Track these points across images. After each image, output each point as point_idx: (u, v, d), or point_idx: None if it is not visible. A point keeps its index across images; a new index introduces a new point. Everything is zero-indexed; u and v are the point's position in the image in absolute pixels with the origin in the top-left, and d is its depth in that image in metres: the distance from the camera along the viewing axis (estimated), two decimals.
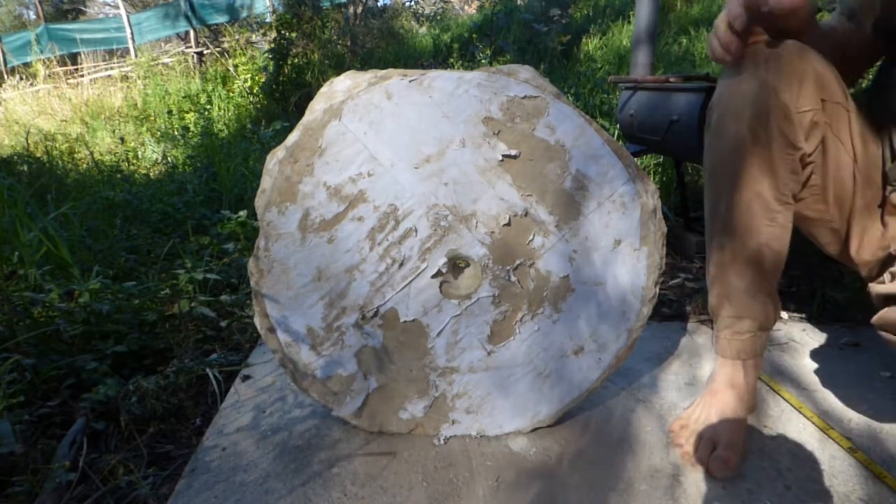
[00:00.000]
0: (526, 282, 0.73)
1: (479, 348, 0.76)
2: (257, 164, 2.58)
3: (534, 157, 0.67)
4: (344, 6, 6.10)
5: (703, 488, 0.75)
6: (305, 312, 0.72)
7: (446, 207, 0.68)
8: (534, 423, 0.81)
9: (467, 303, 0.73)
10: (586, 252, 0.71)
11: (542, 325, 0.74)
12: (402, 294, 0.72)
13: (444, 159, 0.67)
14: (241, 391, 1.00)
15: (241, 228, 1.53)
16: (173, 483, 0.82)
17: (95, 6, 16.48)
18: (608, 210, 0.70)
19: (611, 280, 0.72)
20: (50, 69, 7.08)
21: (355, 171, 0.68)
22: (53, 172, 2.81)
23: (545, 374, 0.77)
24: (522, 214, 0.70)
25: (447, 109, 0.66)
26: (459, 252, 0.70)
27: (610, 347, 0.75)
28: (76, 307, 1.14)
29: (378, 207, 0.69)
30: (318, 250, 0.70)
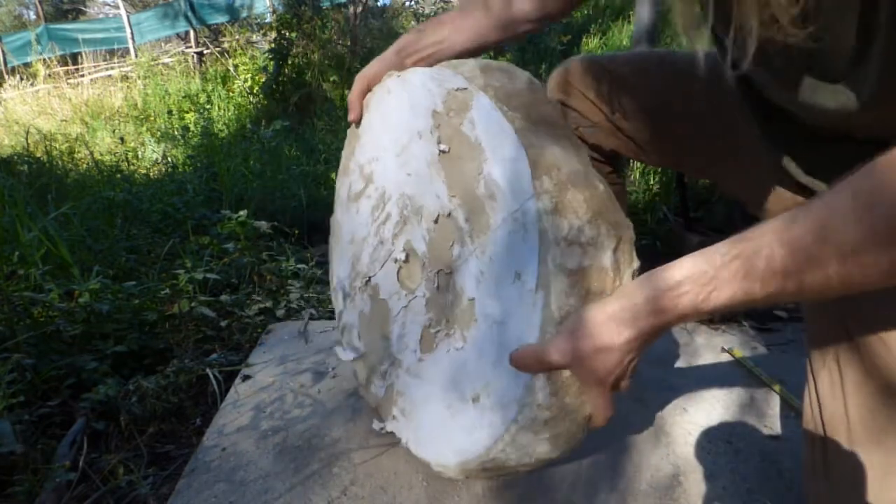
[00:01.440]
0: (446, 294, 0.63)
1: (413, 350, 0.69)
2: (257, 164, 2.59)
3: (461, 155, 0.62)
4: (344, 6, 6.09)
5: (703, 488, 0.75)
6: (343, 266, 0.84)
7: (408, 197, 0.69)
8: (437, 468, 0.65)
9: (411, 297, 0.70)
10: (491, 276, 0.58)
11: (452, 350, 0.63)
12: (382, 272, 0.75)
13: (409, 150, 0.69)
14: (241, 391, 1.00)
15: (241, 228, 1.53)
16: (173, 483, 0.82)
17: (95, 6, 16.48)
18: (511, 230, 0.56)
19: (512, 324, 0.56)
20: (50, 69, 7.08)
21: (371, 155, 0.77)
22: (53, 172, 2.81)
23: (450, 413, 0.63)
24: (446, 215, 0.63)
25: (414, 102, 0.69)
26: (412, 244, 0.70)
27: (503, 416, 0.56)
28: (76, 307, 1.15)
29: (377, 189, 0.76)
30: (351, 217, 0.81)
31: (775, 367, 1.04)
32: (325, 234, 2.24)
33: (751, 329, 1.19)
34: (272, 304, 1.37)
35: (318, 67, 4.64)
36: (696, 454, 0.82)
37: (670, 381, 1.00)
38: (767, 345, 1.12)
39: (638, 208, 1.84)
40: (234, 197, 2.19)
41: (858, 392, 0.56)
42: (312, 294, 1.46)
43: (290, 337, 1.19)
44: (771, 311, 1.30)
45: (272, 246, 1.72)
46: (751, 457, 0.80)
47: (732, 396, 0.95)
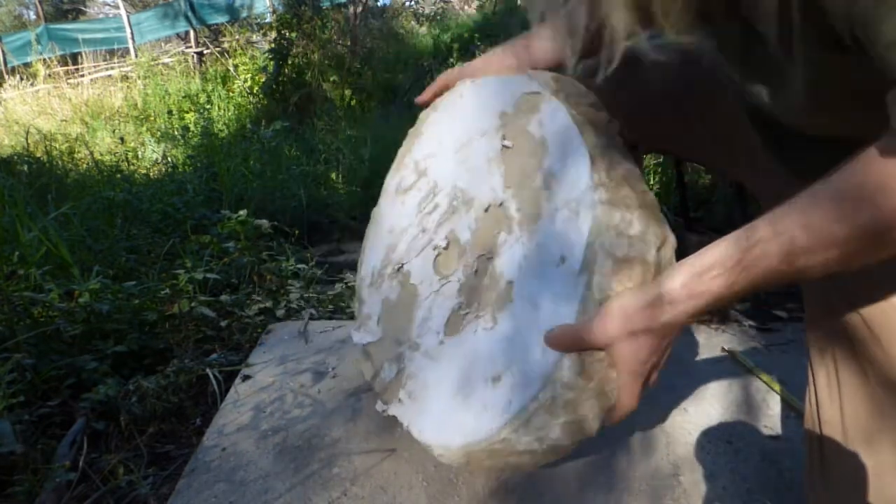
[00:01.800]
0: (483, 278, 0.67)
1: (437, 332, 0.70)
2: (257, 164, 2.59)
3: (522, 151, 0.67)
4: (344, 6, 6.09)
5: (703, 488, 0.75)
6: (375, 255, 0.86)
7: (460, 189, 0.74)
8: (438, 451, 0.66)
9: (444, 282, 0.72)
10: (535, 260, 0.61)
11: (479, 332, 0.65)
12: (418, 259, 0.78)
13: (471, 147, 0.74)
14: (240, 391, 1.00)
15: (241, 227, 1.53)
16: (173, 483, 0.82)
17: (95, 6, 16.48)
18: (564, 218, 0.60)
19: (548, 305, 0.59)
20: (50, 69, 7.08)
21: (429, 151, 0.82)
22: (53, 172, 2.82)
23: (462, 395, 0.64)
24: (498, 205, 0.67)
25: (484, 104, 0.74)
26: (456, 233, 0.73)
27: (523, 395, 0.57)
28: (76, 307, 1.15)
29: (429, 182, 0.80)
30: (395, 209, 0.84)
31: (775, 367, 1.04)
32: (325, 234, 2.24)
33: (751, 329, 1.19)
34: (272, 304, 1.37)
35: (318, 67, 4.64)
36: (696, 454, 0.82)
37: (670, 381, 1.00)
38: (767, 345, 1.12)
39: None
40: (234, 197, 2.19)
41: (854, 394, 0.56)
42: (312, 294, 1.45)
43: (290, 337, 1.19)
44: (771, 311, 1.30)
45: (272, 246, 1.72)
46: (751, 457, 0.80)
47: (732, 396, 0.95)
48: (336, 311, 1.42)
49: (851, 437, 0.56)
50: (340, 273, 1.73)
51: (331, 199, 2.36)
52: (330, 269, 1.72)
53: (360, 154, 2.82)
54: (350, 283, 1.53)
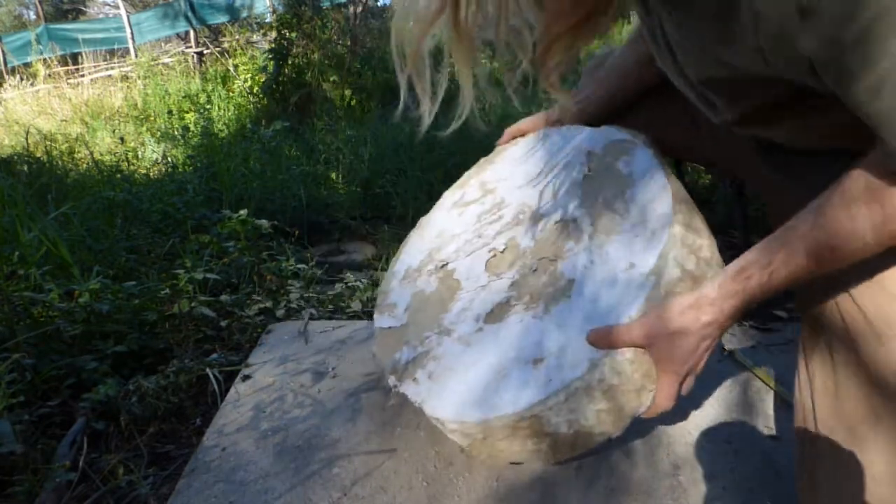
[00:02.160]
0: (542, 276, 0.74)
1: (475, 320, 0.77)
2: (257, 164, 2.59)
3: (605, 182, 0.77)
4: (344, 6, 6.09)
5: (703, 488, 0.75)
6: (415, 255, 0.94)
7: (529, 207, 0.84)
8: (452, 424, 0.71)
9: (494, 279, 0.80)
10: (602, 265, 0.69)
11: (527, 320, 0.72)
12: (466, 259, 0.86)
13: (548, 175, 0.86)
14: (240, 391, 1.00)
15: (241, 227, 1.53)
16: (173, 483, 0.82)
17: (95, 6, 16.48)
18: (641, 234, 0.69)
19: (605, 302, 0.66)
20: (50, 69, 7.08)
21: (500, 175, 0.94)
22: (53, 172, 2.81)
23: (497, 375, 0.69)
24: (571, 220, 0.77)
25: (571, 145, 0.87)
26: (516, 240, 0.82)
27: (565, 375, 0.63)
28: (76, 307, 1.14)
29: (494, 199, 0.91)
30: (450, 219, 0.95)
31: (775, 367, 1.04)
32: (325, 234, 2.25)
33: (751, 329, 1.19)
34: (272, 304, 1.37)
35: (318, 67, 4.63)
36: (696, 454, 0.82)
37: None
38: (767, 345, 1.12)
39: None
40: (234, 197, 2.19)
41: (848, 393, 0.57)
42: (312, 294, 1.45)
43: (290, 337, 1.19)
44: (771, 311, 1.30)
45: (272, 246, 1.72)
46: (751, 457, 0.80)
47: (732, 396, 0.95)
48: (336, 311, 1.42)
49: (842, 436, 0.57)
50: (340, 273, 1.73)
51: (331, 199, 2.36)
52: (330, 269, 1.72)
53: (360, 154, 2.82)
54: (350, 282, 1.54)
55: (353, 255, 1.98)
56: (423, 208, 2.27)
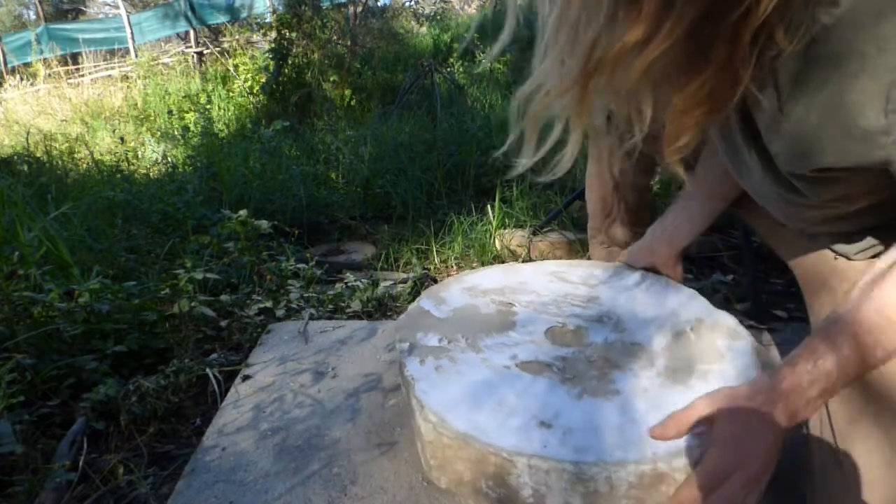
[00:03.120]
0: (593, 369, 0.77)
1: (509, 358, 0.81)
2: (257, 164, 2.59)
3: (698, 346, 0.81)
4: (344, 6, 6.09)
5: None
6: (487, 281, 1.02)
7: (616, 316, 0.90)
8: (432, 419, 0.73)
9: (546, 343, 0.84)
10: (651, 400, 0.70)
11: (557, 388, 0.73)
12: (531, 313, 0.92)
13: (646, 308, 0.92)
14: (240, 391, 1.00)
15: (241, 228, 1.53)
16: (173, 483, 0.82)
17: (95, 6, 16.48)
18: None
19: (638, 424, 0.66)
20: (50, 69, 7.08)
21: (601, 280, 1.00)
22: (53, 172, 2.82)
23: (502, 409, 0.70)
24: (647, 350, 0.80)
25: (685, 305, 0.92)
26: (586, 330, 0.87)
27: (562, 452, 0.62)
28: (76, 307, 1.14)
29: (589, 293, 0.97)
30: (540, 279, 1.02)
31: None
32: (325, 234, 2.24)
33: (751, 329, 1.19)
34: (272, 304, 1.37)
35: (318, 67, 4.63)
36: None
37: None
38: (767, 345, 1.12)
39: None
40: (234, 197, 2.19)
41: (841, 394, 0.57)
42: (312, 294, 1.46)
43: (290, 337, 1.19)
44: (771, 311, 1.30)
45: (272, 246, 1.72)
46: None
47: None
48: (336, 310, 1.42)
49: (842, 436, 0.59)
50: (340, 273, 1.73)
51: (331, 199, 2.36)
52: (330, 269, 1.72)
53: (360, 154, 2.82)
54: (350, 282, 1.54)
55: (353, 255, 1.98)
56: (423, 208, 2.29)
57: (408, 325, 0.88)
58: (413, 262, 1.82)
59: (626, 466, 0.60)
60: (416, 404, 0.73)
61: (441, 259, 1.84)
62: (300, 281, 1.51)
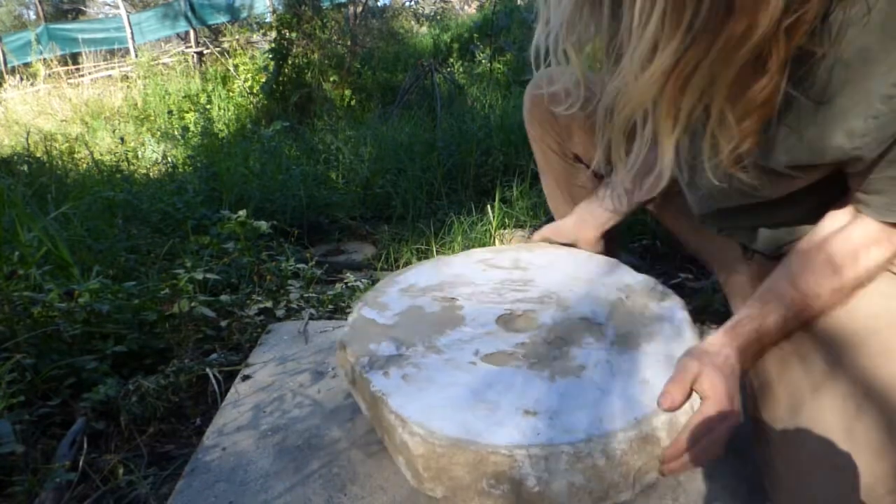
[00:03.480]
0: (553, 350, 0.80)
1: (472, 353, 0.81)
2: (257, 164, 2.59)
3: (636, 311, 0.86)
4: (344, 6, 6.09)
5: (702, 488, 0.75)
6: (422, 278, 1.00)
7: (559, 296, 0.91)
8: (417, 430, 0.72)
9: (501, 331, 0.85)
10: (615, 367, 0.75)
11: (529, 376, 0.75)
12: (476, 305, 0.92)
13: (588, 285, 0.94)
14: (240, 391, 1.00)
15: (240, 228, 1.53)
16: (173, 483, 0.82)
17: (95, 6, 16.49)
18: (659, 362, 0.76)
19: (613, 393, 0.71)
20: (50, 69, 7.08)
21: (534, 262, 1.02)
22: (53, 172, 2.82)
23: (481, 406, 0.71)
24: (596, 323, 0.85)
25: (620, 273, 0.97)
26: (536, 314, 0.88)
27: (555, 436, 0.65)
28: (76, 307, 1.14)
29: (524, 276, 0.98)
30: (473, 269, 1.02)
31: None
32: (325, 234, 2.25)
33: None
34: (272, 304, 1.37)
35: (318, 67, 4.63)
36: None
37: None
38: None
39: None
40: (234, 197, 2.19)
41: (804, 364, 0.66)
42: (312, 294, 1.46)
43: (290, 337, 1.19)
44: None
45: (272, 246, 1.72)
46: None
47: None
48: (336, 310, 1.42)
49: (802, 406, 0.65)
50: (340, 273, 1.73)
51: (331, 199, 2.36)
52: (330, 269, 1.72)
53: (360, 154, 2.82)
54: (350, 282, 1.54)
55: (353, 255, 1.98)
56: (423, 208, 2.29)
57: (357, 339, 0.85)
58: (413, 262, 1.82)
59: (616, 436, 0.64)
60: (394, 420, 0.71)
61: None
62: (300, 281, 1.51)
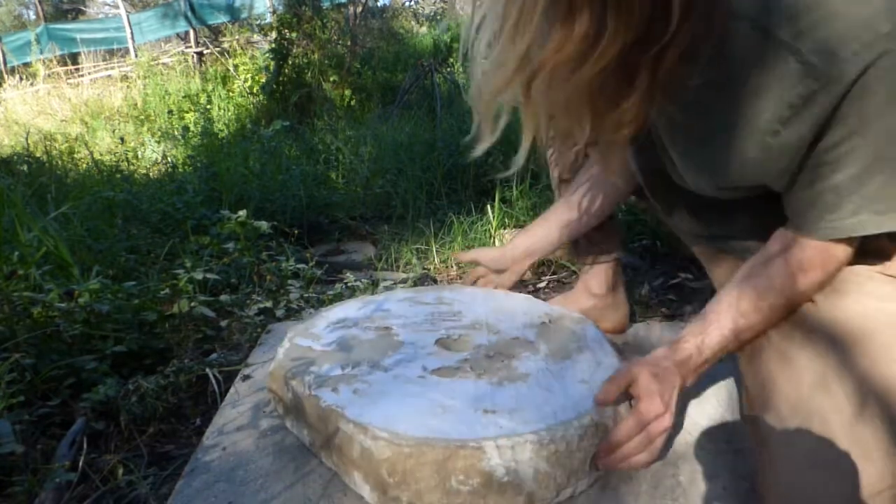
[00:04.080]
0: (496, 363, 0.84)
1: (420, 369, 0.83)
2: (257, 164, 2.59)
3: (559, 330, 0.94)
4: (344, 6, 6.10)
5: (702, 488, 0.75)
6: (353, 312, 1.03)
7: (489, 323, 0.97)
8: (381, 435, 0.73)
9: (444, 350, 0.89)
10: (555, 372, 0.81)
11: (479, 383, 0.78)
12: (412, 333, 0.94)
13: (511, 314, 1.00)
14: (240, 391, 1.00)
15: (240, 228, 1.53)
16: (173, 483, 0.82)
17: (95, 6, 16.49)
18: (589, 364, 0.84)
19: (557, 393, 0.77)
20: (50, 69, 7.08)
21: (457, 298, 1.07)
22: (53, 172, 2.82)
23: (444, 410, 0.73)
24: (528, 341, 0.91)
25: (536, 304, 1.06)
26: (471, 337, 0.93)
27: (517, 426, 0.70)
28: (76, 307, 1.15)
29: (451, 309, 1.02)
30: (400, 305, 1.04)
31: None
32: (325, 234, 2.25)
33: None
34: (272, 304, 1.37)
35: (318, 67, 4.64)
36: (695, 454, 0.82)
37: None
38: None
39: (638, 208, 1.84)
40: (234, 197, 2.19)
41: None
42: (312, 294, 1.46)
43: None
44: None
45: (272, 246, 1.72)
46: (751, 457, 0.80)
47: (732, 396, 0.95)
48: None
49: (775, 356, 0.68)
50: (340, 273, 1.73)
51: (331, 199, 2.36)
52: (330, 269, 1.72)
53: (360, 154, 2.82)
54: (350, 282, 1.54)
55: (353, 255, 1.98)
56: (423, 208, 2.29)
57: (294, 365, 0.85)
58: (413, 262, 1.82)
59: (572, 423, 0.70)
60: (353, 430, 0.71)
61: (441, 259, 1.84)
62: (300, 281, 1.51)
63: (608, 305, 1.12)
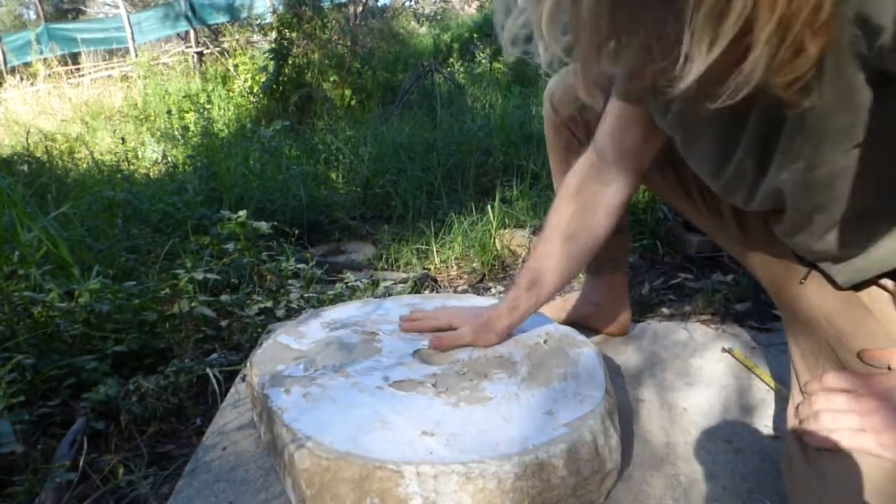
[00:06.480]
0: (464, 381, 0.80)
1: (381, 379, 0.81)
2: (257, 164, 2.59)
3: (552, 353, 0.88)
4: (344, 6, 6.10)
5: (703, 488, 0.75)
6: (346, 315, 1.04)
7: None
8: (306, 444, 0.71)
9: (416, 362, 0.86)
10: (525, 401, 0.75)
11: (434, 401, 0.75)
12: (396, 340, 0.93)
13: None
14: (241, 391, 1.00)
15: (241, 228, 1.53)
16: (173, 483, 0.82)
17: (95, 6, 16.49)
18: (571, 397, 0.76)
19: (515, 423, 0.71)
20: (50, 69, 7.08)
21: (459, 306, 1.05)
22: (53, 172, 2.82)
23: (382, 424, 0.70)
24: (511, 361, 0.86)
25: (534, 322, 0.99)
26: (453, 350, 0.90)
27: (448, 455, 0.64)
28: (76, 307, 1.15)
29: None
30: (399, 308, 1.04)
31: (775, 367, 1.04)
32: (325, 234, 2.25)
33: (751, 329, 1.19)
34: (272, 304, 1.37)
35: (318, 67, 4.64)
36: (695, 454, 0.82)
37: (670, 381, 1.00)
38: (767, 345, 1.12)
39: (638, 209, 1.84)
40: (234, 197, 2.19)
41: None
42: (312, 294, 1.46)
43: None
44: (771, 311, 1.30)
45: (272, 246, 1.72)
46: (751, 457, 0.80)
47: (732, 396, 0.95)
48: None
49: None
50: (340, 273, 1.73)
51: (331, 199, 2.36)
52: (330, 269, 1.72)
53: (360, 154, 2.82)
54: (350, 282, 1.54)
55: (353, 255, 1.98)
56: (423, 208, 2.29)
57: (265, 360, 0.86)
58: (413, 262, 1.82)
59: (510, 459, 0.62)
60: (285, 434, 0.69)
61: (441, 259, 1.84)
62: (300, 281, 1.51)
63: (610, 310, 1.12)
